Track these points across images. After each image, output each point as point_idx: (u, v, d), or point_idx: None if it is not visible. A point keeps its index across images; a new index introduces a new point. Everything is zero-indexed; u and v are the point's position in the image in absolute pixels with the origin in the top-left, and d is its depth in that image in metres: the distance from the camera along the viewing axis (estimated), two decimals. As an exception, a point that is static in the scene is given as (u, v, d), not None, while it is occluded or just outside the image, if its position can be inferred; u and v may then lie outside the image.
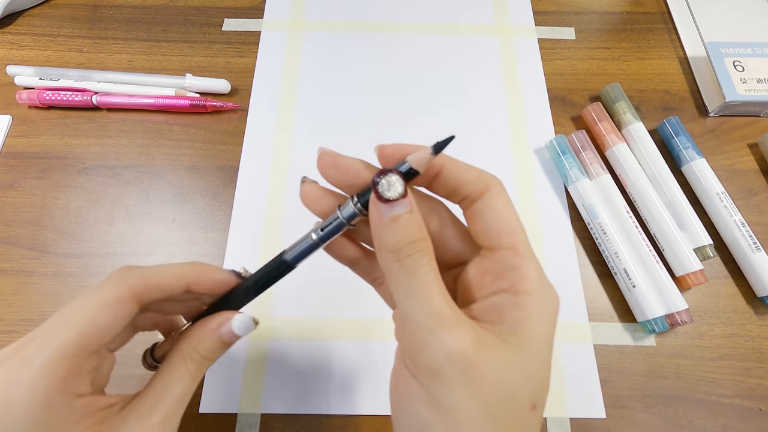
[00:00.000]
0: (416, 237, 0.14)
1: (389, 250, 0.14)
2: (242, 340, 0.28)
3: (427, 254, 0.15)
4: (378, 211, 0.14)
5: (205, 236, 0.31)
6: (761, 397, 0.28)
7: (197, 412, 0.27)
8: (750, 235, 0.30)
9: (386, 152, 0.16)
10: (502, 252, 0.16)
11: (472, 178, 0.16)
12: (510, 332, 0.15)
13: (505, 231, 0.16)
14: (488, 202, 0.16)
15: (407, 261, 0.14)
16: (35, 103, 0.35)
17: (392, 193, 0.14)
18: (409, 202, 0.14)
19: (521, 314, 0.15)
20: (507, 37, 0.39)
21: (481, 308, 0.16)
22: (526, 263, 0.15)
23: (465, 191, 0.16)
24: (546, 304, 0.15)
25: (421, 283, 0.14)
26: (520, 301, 0.15)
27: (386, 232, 0.14)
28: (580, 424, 0.27)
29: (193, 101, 0.35)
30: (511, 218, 0.16)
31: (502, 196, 0.16)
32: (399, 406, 0.15)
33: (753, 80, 0.35)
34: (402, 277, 0.14)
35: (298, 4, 0.40)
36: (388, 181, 0.14)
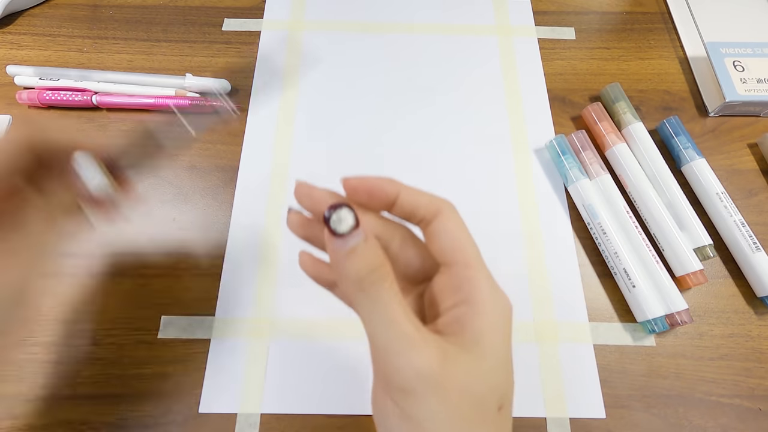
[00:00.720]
0: (375, 264, 0.15)
1: (352, 280, 0.15)
2: (242, 340, 0.28)
3: (387, 279, 0.15)
4: (334, 246, 0.15)
5: (205, 236, 0.31)
6: (761, 397, 0.28)
7: (197, 412, 0.27)
8: (750, 235, 0.30)
9: (351, 184, 0.17)
10: (457, 267, 0.17)
11: (425, 203, 0.18)
12: (472, 341, 0.16)
13: (457, 248, 0.17)
14: (441, 224, 0.18)
15: (370, 289, 0.15)
16: (35, 103, 0.35)
17: (344, 227, 0.15)
18: (362, 232, 0.15)
19: (479, 322, 0.16)
20: (507, 37, 0.39)
21: (444, 322, 0.17)
22: (477, 275, 0.17)
23: (420, 215, 0.18)
24: (500, 309, 0.17)
25: (385, 308, 0.15)
26: (476, 310, 0.16)
27: (346, 265, 0.15)
28: (580, 424, 0.27)
29: (193, 101, 0.35)
30: (462, 236, 0.18)
31: (453, 217, 0.18)
32: (379, 422, 0.17)
33: (753, 80, 0.35)
34: (366, 305, 0.15)
35: (298, 4, 0.40)
36: (338, 216, 0.15)
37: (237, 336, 0.28)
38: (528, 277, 0.30)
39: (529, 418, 0.27)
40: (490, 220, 0.32)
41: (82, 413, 0.27)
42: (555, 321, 0.29)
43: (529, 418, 0.27)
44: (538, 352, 0.28)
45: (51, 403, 0.27)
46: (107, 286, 0.30)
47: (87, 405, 0.27)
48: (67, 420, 0.26)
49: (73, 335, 0.28)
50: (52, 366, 0.28)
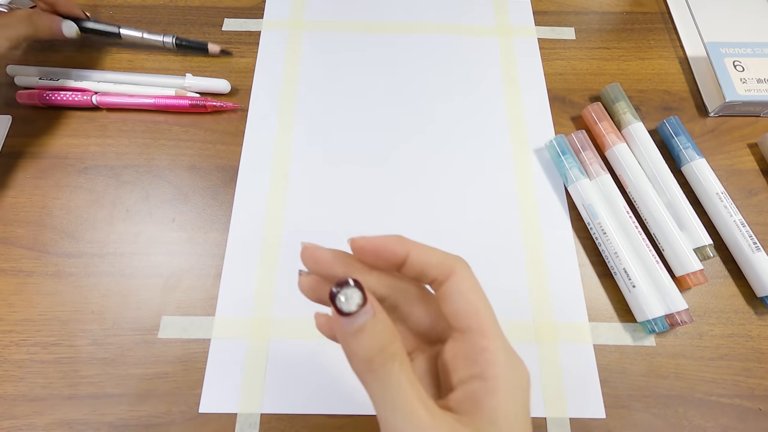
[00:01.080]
0: (385, 342, 0.14)
1: (361, 362, 0.15)
2: (242, 340, 0.28)
3: (399, 358, 0.15)
4: (341, 325, 0.14)
5: (205, 236, 0.31)
6: (761, 397, 0.28)
7: (197, 412, 0.27)
8: (750, 235, 0.30)
9: (358, 245, 0.17)
10: (471, 334, 0.16)
11: (436, 262, 0.17)
12: (487, 422, 0.15)
13: (472, 312, 0.16)
14: (454, 285, 0.16)
15: (381, 371, 0.14)
16: (35, 103, 0.35)
17: (351, 305, 0.14)
18: (371, 308, 0.14)
19: (495, 401, 0.15)
20: (507, 38, 0.39)
21: (458, 398, 0.16)
22: (493, 346, 0.16)
23: (431, 275, 0.17)
24: (517, 385, 0.16)
25: (398, 392, 0.14)
26: (491, 386, 0.15)
27: (354, 345, 0.14)
28: (580, 424, 0.27)
29: (193, 101, 0.35)
30: (477, 299, 0.16)
31: (467, 277, 0.17)
32: None
33: (753, 80, 0.35)
34: (376, 387, 0.15)
35: (298, 4, 0.40)
36: (345, 294, 0.14)
37: (237, 336, 0.28)
38: (528, 277, 0.30)
39: (529, 418, 0.27)
40: (490, 220, 0.32)
41: (82, 413, 0.27)
42: (555, 321, 0.29)
43: (529, 418, 0.27)
44: (538, 352, 0.29)
45: (51, 403, 0.27)
46: (107, 286, 0.30)
47: (87, 405, 0.27)
48: (67, 420, 0.26)
49: (73, 335, 0.28)
50: (52, 366, 0.28)
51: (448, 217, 0.32)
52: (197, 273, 0.30)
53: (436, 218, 0.32)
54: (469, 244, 0.31)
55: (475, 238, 0.32)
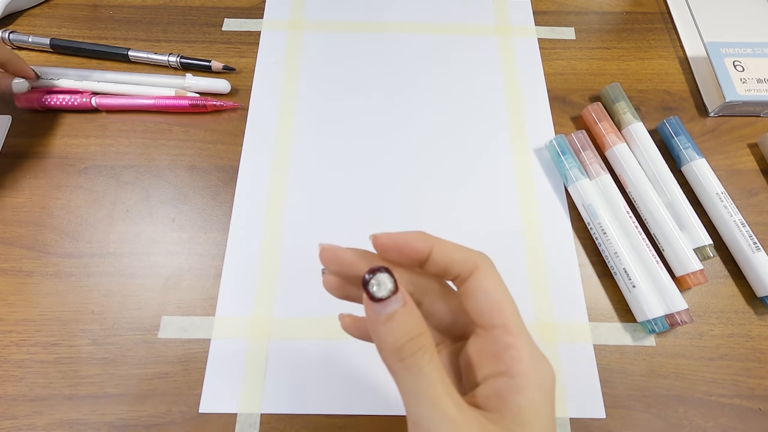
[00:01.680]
0: (415, 332, 0.14)
1: (390, 350, 0.15)
2: (242, 340, 0.28)
3: (429, 350, 0.15)
4: (373, 311, 0.14)
5: (205, 236, 0.31)
6: (761, 397, 0.28)
7: (197, 412, 0.27)
8: (750, 235, 0.30)
9: (381, 242, 0.17)
10: (495, 331, 0.16)
11: (460, 259, 0.17)
12: (515, 420, 0.15)
13: (496, 309, 0.16)
14: (477, 281, 0.16)
15: (410, 361, 0.14)
16: (34, 106, 0.34)
17: (383, 291, 0.14)
18: (401, 297, 0.14)
19: (522, 399, 0.15)
20: (507, 37, 0.39)
21: (484, 394, 0.16)
22: (518, 342, 0.16)
23: (455, 271, 0.17)
24: (543, 382, 0.16)
25: (427, 385, 0.14)
26: (518, 384, 0.15)
27: (384, 331, 0.14)
28: (580, 424, 0.27)
29: (193, 101, 0.35)
30: (501, 296, 0.16)
31: (491, 274, 0.17)
32: None
33: (753, 80, 0.35)
34: (407, 380, 0.14)
35: (298, 4, 0.40)
36: (377, 280, 0.14)
37: (237, 336, 0.28)
38: (528, 277, 0.30)
39: (529, 418, 0.27)
40: (490, 219, 0.32)
41: (82, 413, 0.27)
42: (555, 321, 0.29)
43: (529, 418, 0.27)
44: (538, 352, 0.28)
45: (51, 403, 0.27)
46: (107, 286, 0.30)
47: (87, 405, 0.27)
48: (67, 420, 0.26)
49: (73, 335, 0.28)
50: (52, 366, 0.28)
51: (448, 217, 0.32)
52: (197, 273, 0.30)
53: (436, 218, 0.32)
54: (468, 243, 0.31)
55: (474, 238, 0.32)
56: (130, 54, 0.36)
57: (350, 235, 0.32)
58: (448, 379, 0.15)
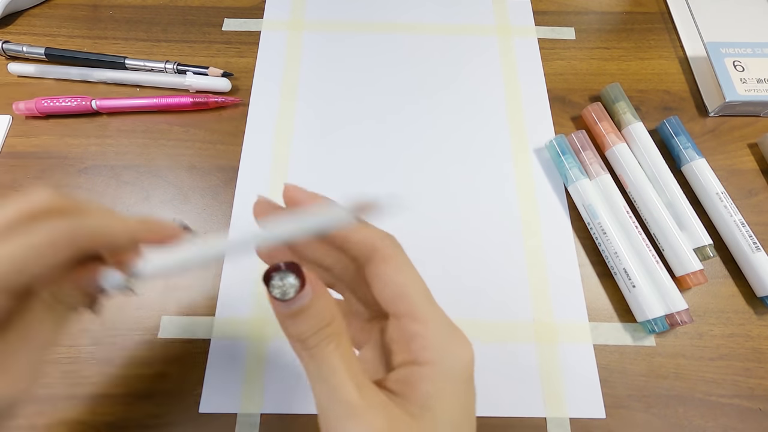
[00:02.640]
0: (321, 324, 0.14)
1: (295, 341, 0.14)
2: (242, 340, 0.28)
3: (335, 338, 0.14)
4: (276, 309, 0.14)
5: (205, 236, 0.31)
6: (761, 397, 0.28)
7: (197, 412, 0.27)
8: (750, 235, 0.30)
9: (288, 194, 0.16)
10: (402, 319, 0.15)
11: (356, 239, 0.16)
12: (420, 406, 0.15)
13: (398, 296, 0.15)
14: (376, 266, 0.16)
15: (314, 350, 0.14)
16: (33, 113, 0.34)
17: (287, 292, 0.13)
18: (309, 292, 0.14)
19: (427, 387, 0.15)
20: (507, 37, 0.39)
21: (395, 378, 0.16)
22: (425, 330, 0.15)
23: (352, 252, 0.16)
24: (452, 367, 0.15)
25: (329, 372, 0.14)
26: (424, 372, 0.15)
27: (289, 325, 0.14)
28: (580, 424, 0.27)
29: (195, 98, 0.35)
30: (403, 281, 0.15)
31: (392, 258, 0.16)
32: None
33: (753, 80, 0.35)
34: (311, 367, 0.14)
35: (298, 4, 0.40)
36: (280, 282, 0.13)
37: (237, 336, 0.28)
38: (528, 277, 0.30)
39: (529, 418, 0.27)
40: (490, 219, 0.32)
41: (82, 413, 0.27)
42: (555, 321, 0.29)
43: (529, 418, 0.27)
44: (538, 352, 0.28)
45: (51, 403, 0.27)
46: (107, 286, 0.30)
47: (87, 405, 0.27)
48: (67, 420, 0.26)
49: (73, 335, 0.28)
50: (52, 366, 0.28)
51: (448, 217, 0.32)
52: (197, 273, 0.30)
53: (435, 218, 0.32)
54: (468, 244, 0.31)
55: (475, 238, 0.32)
56: (126, 62, 0.36)
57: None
58: (355, 364, 0.14)
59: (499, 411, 0.27)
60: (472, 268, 0.31)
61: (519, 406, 0.27)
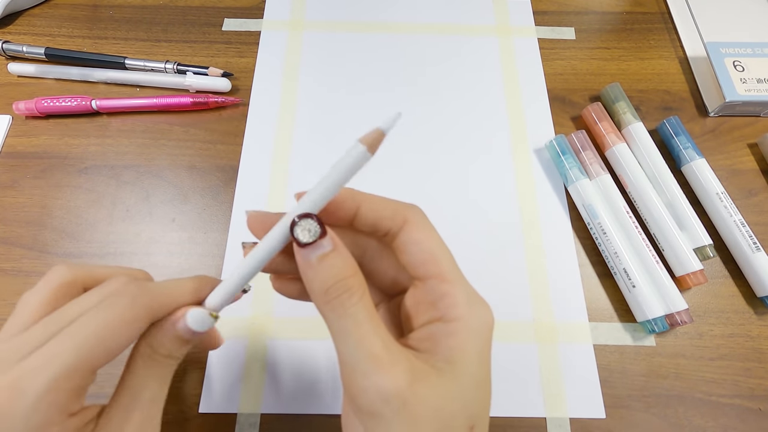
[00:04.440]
0: (343, 275, 0.14)
1: (317, 293, 0.15)
2: (242, 340, 0.28)
3: (357, 292, 0.15)
4: (300, 256, 0.14)
5: (205, 236, 0.31)
6: (761, 397, 0.28)
7: (197, 412, 0.27)
8: (750, 235, 0.30)
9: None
10: (430, 280, 0.16)
11: (388, 214, 0.16)
12: (444, 360, 0.15)
13: (429, 260, 0.16)
14: (407, 234, 0.16)
15: (336, 303, 0.14)
16: (33, 113, 0.34)
17: (310, 236, 0.14)
18: (330, 241, 0.14)
19: (453, 341, 0.15)
20: (507, 37, 0.39)
21: (418, 336, 0.16)
22: (453, 289, 0.16)
23: (385, 227, 0.17)
24: (477, 326, 0.16)
25: (352, 325, 0.14)
26: (451, 328, 0.15)
27: (311, 274, 0.15)
28: (580, 424, 0.27)
29: (195, 98, 0.35)
30: (434, 246, 0.16)
31: (422, 225, 0.16)
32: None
33: (753, 80, 0.35)
34: (333, 320, 0.15)
35: (298, 4, 0.40)
36: (304, 225, 0.14)
37: (237, 336, 0.28)
38: (528, 277, 0.30)
39: (529, 418, 0.27)
40: (490, 219, 0.32)
41: (82, 413, 0.27)
42: (555, 321, 0.29)
43: (529, 418, 0.27)
44: (538, 352, 0.29)
45: (51, 403, 0.27)
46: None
47: (87, 405, 0.27)
48: (67, 420, 0.26)
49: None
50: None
51: (448, 216, 0.32)
52: (197, 273, 0.30)
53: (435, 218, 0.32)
54: (468, 244, 0.31)
55: (475, 238, 0.32)
56: (126, 62, 0.36)
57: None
58: (378, 320, 0.15)
59: (499, 411, 0.27)
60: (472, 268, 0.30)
61: (519, 406, 0.27)
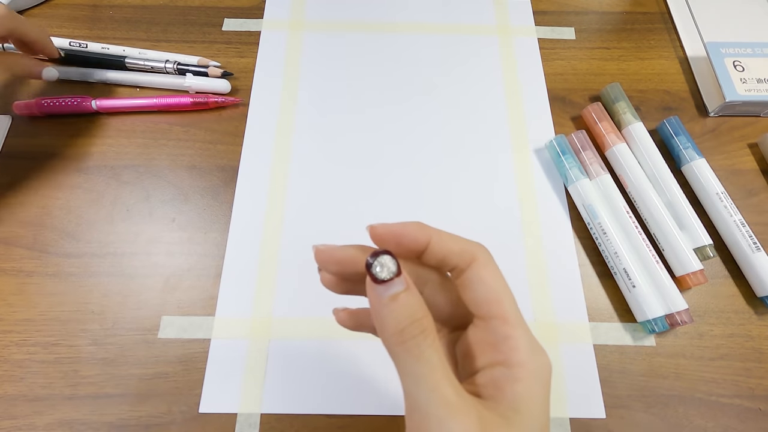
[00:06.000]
0: (417, 315, 0.15)
1: (392, 332, 0.15)
2: (242, 340, 0.28)
3: (430, 334, 0.15)
4: (375, 293, 0.15)
5: (205, 236, 0.31)
6: (761, 397, 0.28)
7: (197, 412, 0.27)
8: (750, 235, 0.30)
9: (378, 232, 0.17)
10: (493, 321, 0.16)
11: (458, 250, 0.17)
12: (511, 409, 0.15)
13: (494, 300, 0.16)
14: (475, 272, 0.16)
15: (411, 344, 0.14)
16: (33, 112, 0.34)
17: (386, 273, 0.14)
18: (404, 280, 0.15)
19: (518, 389, 0.15)
20: (507, 37, 0.39)
21: (481, 382, 0.16)
22: (516, 333, 0.16)
23: (452, 263, 0.17)
24: (539, 373, 0.16)
25: (428, 369, 0.14)
26: (515, 374, 0.15)
27: (386, 313, 0.15)
28: (580, 424, 0.27)
29: (195, 98, 0.35)
30: (499, 287, 0.16)
31: (489, 265, 0.17)
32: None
33: (753, 80, 0.35)
34: (408, 363, 0.15)
35: (298, 4, 0.40)
36: (380, 263, 0.14)
37: (237, 336, 0.28)
38: (528, 276, 0.30)
39: (529, 418, 0.27)
40: (490, 219, 0.32)
41: (82, 413, 0.27)
42: (555, 321, 0.29)
43: (529, 418, 0.27)
44: (538, 352, 0.28)
45: (51, 403, 0.27)
46: (107, 286, 0.30)
47: (87, 405, 0.27)
48: (67, 420, 0.26)
49: (73, 335, 0.28)
50: (52, 366, 0.28)
51: (448, 216, 0.32)
52: (197, 273, 0.30)
53: (435, 218, 0.32)
54: (469, 244, 0.31)
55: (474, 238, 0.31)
56: (126, 61, 0.36)
57: (350, 235, 0.31)
58: (448, 365, 0.15)
59: (499, 411, 0.27)
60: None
61: (519, 406, 0.27)
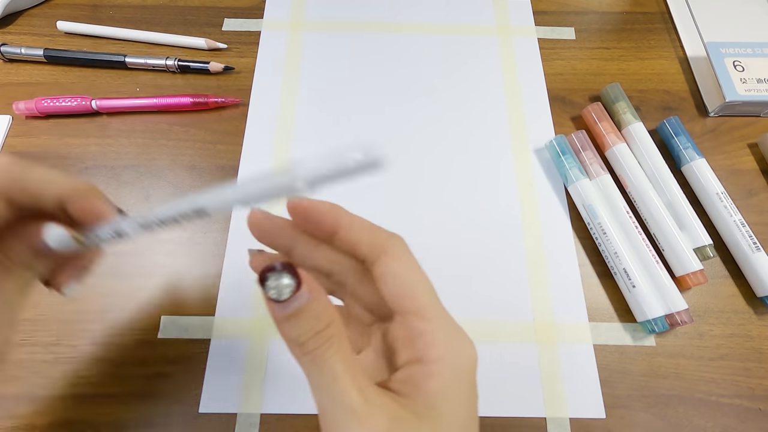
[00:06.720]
0: (318, 327, 0.14)
1: (293, 345, 0.14)
2: (242, 340, 0.28)
3: (336, 342, 0.14)
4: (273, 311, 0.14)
5: (205, 236, 0.31)
6: (761, 397, 0.28)
7: (197, 412, 0.27)
8: (750, 235, 0.30)
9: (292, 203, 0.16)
10: (408, 317, 0.16)
11: (366, 240, 0.16)
12: (426, 405, 0.15)
13: (406, 294, 0.15)
14: (385, 266, 0.16)
15: (314, 354, 0.14)
16: (33, 113, 0.34)
17: (283, 292, 0.13)
18: (305, 293, 0.13)
19: (432, 385, 0.15)
20: (507, 37, 0.39)
21: (400, 379, 0.16)
22: (431, 327, 0.15)
23: (361, 253, 0.16)
24: (457, 365, 0.15)
25: (331, 378, 0.14)
26: (431, 370, 0.15)
27: (286, 329, 0.14)
28: (580, 424, 0.27)
29: (195, 98, 0.35)
30: (412, 280, 0.16)
31: (400, 257, 0.16)
32: None
33: (753, 80, 0.35)
34: (312, 373, 0.14)
35: (298, 4, 0.40)
36: (275, 287, 0.13)
37: (237, 336, 0.28)
38: (528, 277, 0.30)
39: (529, 418, 0.27)
40: (490, 219, 0.32)
41: (82, 413, 0.27)
42: (555, 321, 0.29)
43: (529, 418, 0.27)
44: (538, 352, 0.29)
45: (51, 403, 0.27)
46: (107, 286, 0.30)
47: (87, 405, 0.27)
48: (67, 420, 0.26)
49: (73, 335, 0.28)
50: (52, 366, 0.28)
51: (449, 216, 0.32)
52: (197, 273, 0.30)
53: (435, 218, 0.32)
54: (468, 244, 0.31)
55: (474, 238, 0.32)
56: (127, 60, 0.36)
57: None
58: (357, 368, 0.14)
59: (499, 411, 0.27)
60: (472, 268, 0.31)
61: (519, 406, 0.27)
